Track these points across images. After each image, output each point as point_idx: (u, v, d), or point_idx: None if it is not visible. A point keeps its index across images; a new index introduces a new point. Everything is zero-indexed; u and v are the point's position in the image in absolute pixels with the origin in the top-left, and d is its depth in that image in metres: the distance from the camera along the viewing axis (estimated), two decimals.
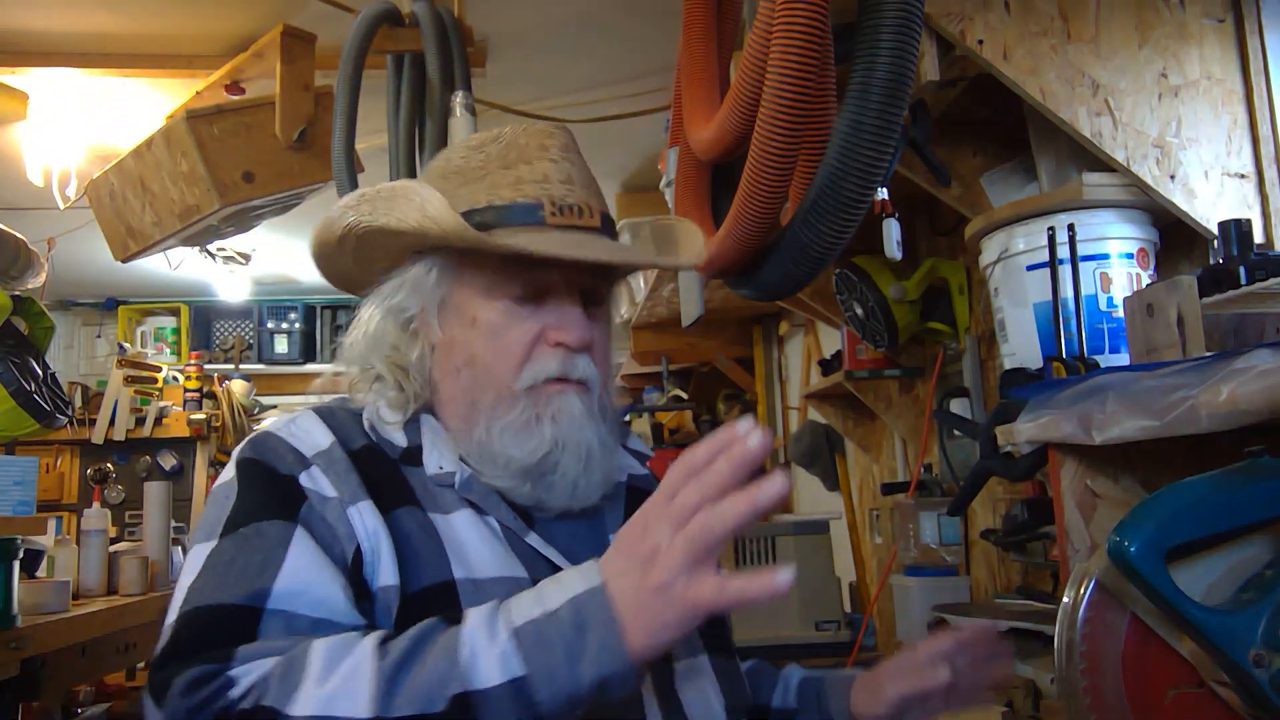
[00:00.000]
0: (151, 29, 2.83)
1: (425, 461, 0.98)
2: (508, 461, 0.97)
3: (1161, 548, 0.84)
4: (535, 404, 0.98)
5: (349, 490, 0.91)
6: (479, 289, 1.01)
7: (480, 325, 1.00)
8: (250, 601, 0.81)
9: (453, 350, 1.02)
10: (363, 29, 2.32)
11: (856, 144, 1.22)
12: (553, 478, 0.97)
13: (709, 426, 4.39)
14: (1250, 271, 1.23)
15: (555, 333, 0.99)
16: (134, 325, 6.05)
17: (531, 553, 0.95)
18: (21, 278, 2.86)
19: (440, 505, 0.96)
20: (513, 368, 0.98)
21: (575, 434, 0.98)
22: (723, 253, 1.48)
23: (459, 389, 1.01)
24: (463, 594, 0.89)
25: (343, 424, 0.99)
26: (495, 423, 0.98)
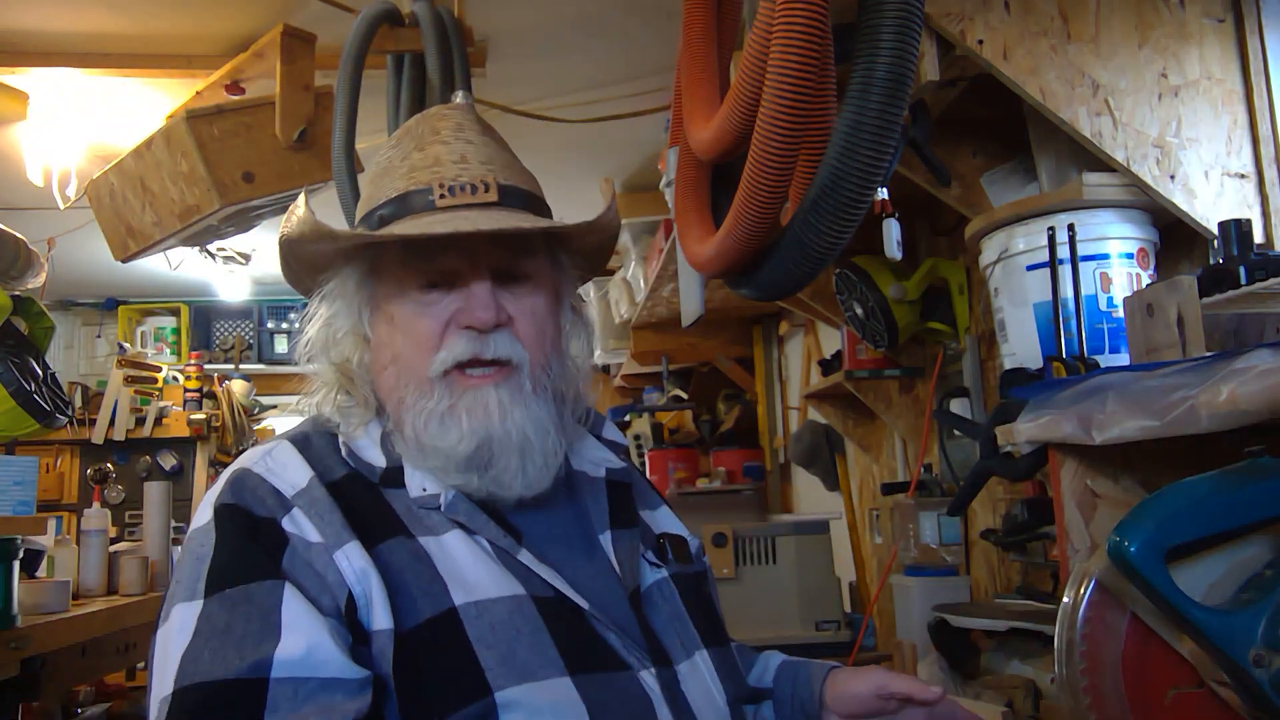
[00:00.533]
0: (151, 29, 2.83)
1: (408, 483, 0.97)
2: (444, 454, 0.96)
3: (1161, 548, 0.84)
4: (450, 394, 0.98)
5: (333, 532, 0.89)
6: (392, 287, 1.01)
7: (396, 321, 1.01)
8: (254, 674, 0.80)
9: (380, 351, 1.02)
10: (363, 29, 2.32)
11: (856, 144, 1.22)
12: (495, 471, 0.97)
13: (709, 426, 4.40)
14: (1250, 271, 1.23)
15: (462, 315, 0.98)
16: (134, 325, 6.05)
17: (524, 570, 0.94)
18: (21, 278, 2.86)
19: (429, 528, 0.94)
20: (425, 355, 0.98)
21: (498, 425, 0.97)
22: (723, 253, 1.48)
23: (389, 388, 1.01)
24: (465, 619, 0.88)
25: (320, 453, 0.98)
26: (420, 415, 0.97)
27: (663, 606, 1.01)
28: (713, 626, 1.06)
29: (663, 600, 1.02)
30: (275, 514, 0.90)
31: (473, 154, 1.02)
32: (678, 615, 1.01)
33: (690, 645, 1.00)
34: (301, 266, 1.08)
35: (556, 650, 0.88)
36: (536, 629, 0.89)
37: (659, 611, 1.01)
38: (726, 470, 4.04)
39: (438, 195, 0.99)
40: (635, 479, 1.16)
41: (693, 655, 1.00)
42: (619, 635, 0.93)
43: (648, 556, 1.06)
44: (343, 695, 0.81)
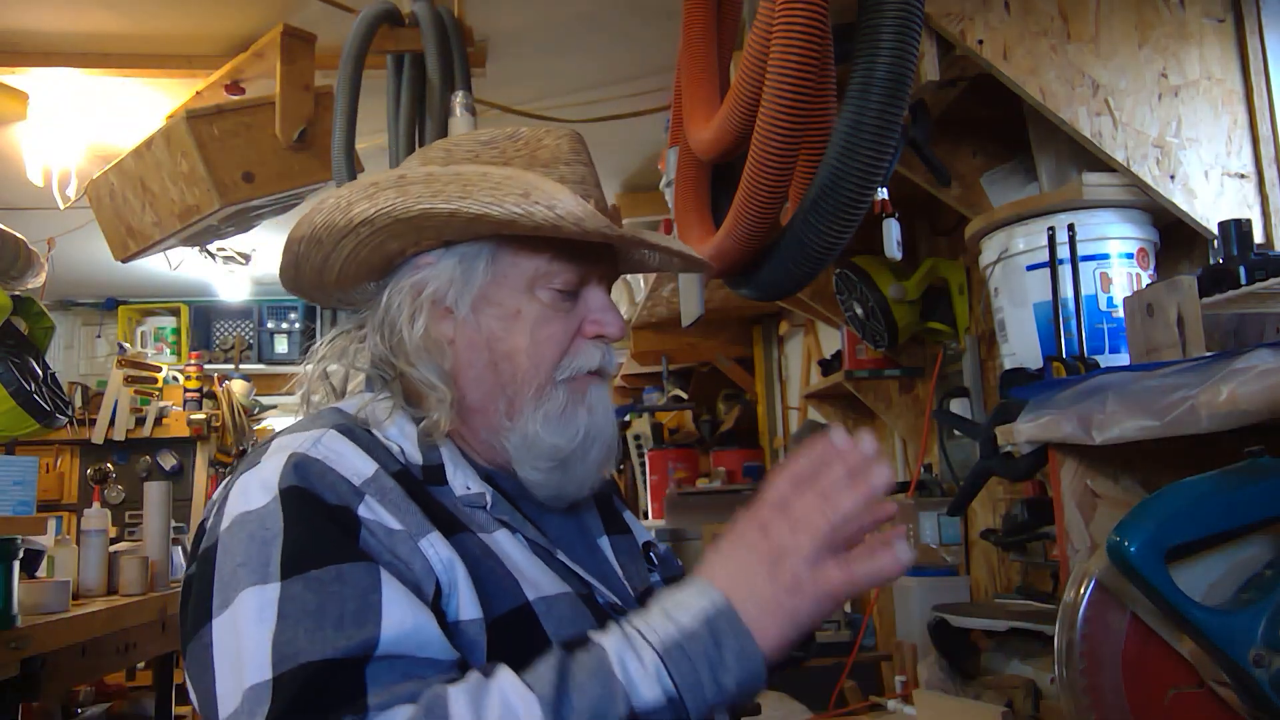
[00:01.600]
0: (151, 29, 2.83)
1: (451, 482, 0.96)
2: (552, 450, 0.97)
3: (1161, 548, 0.84)
4: (572, 393, 0.99)
5: (414, 521, 0.87)
6: (523, 280, 0.98)
7: (524, 318, 0.98)
8: (360, 651, 0.77)
9: (487, 346, 0.98)
10: (363, 29, 2.32)
11: (856, 144, 1.22)
12: (581, 465, 0.99)
13: (709, 426, 4.39)
14: (1250, 271, 1.23)
15: (594, 325, 1.00)
16: (134, 325, 6.05)
17: (563, 568, 0.96)
18: (21, 278, 2.86)
19: (480, 525, 0.94)
20: (554, 358, 0.98)
21: (605, 424, 1.01)
22: (723, 253, 1.48)
23: (492, 385, 0.98)
24: (540, 615, 0.90)
25: (369, 445, 0.93)
26: (537, 413, 0.97)
27: None
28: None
29: None
30: (349, 502, 0.86)
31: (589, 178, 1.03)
32: None
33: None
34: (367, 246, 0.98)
35: None
36: (590, 624, 0.91)
37: None
38: (726, 470, 4.04)
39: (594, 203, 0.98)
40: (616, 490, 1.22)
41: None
42: None
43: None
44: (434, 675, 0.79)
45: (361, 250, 0.98)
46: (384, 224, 0.93)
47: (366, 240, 0.96)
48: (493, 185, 0.90)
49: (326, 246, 0.97)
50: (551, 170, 0.98)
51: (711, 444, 4.27)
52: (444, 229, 0.96)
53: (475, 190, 0.90)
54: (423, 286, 0.98)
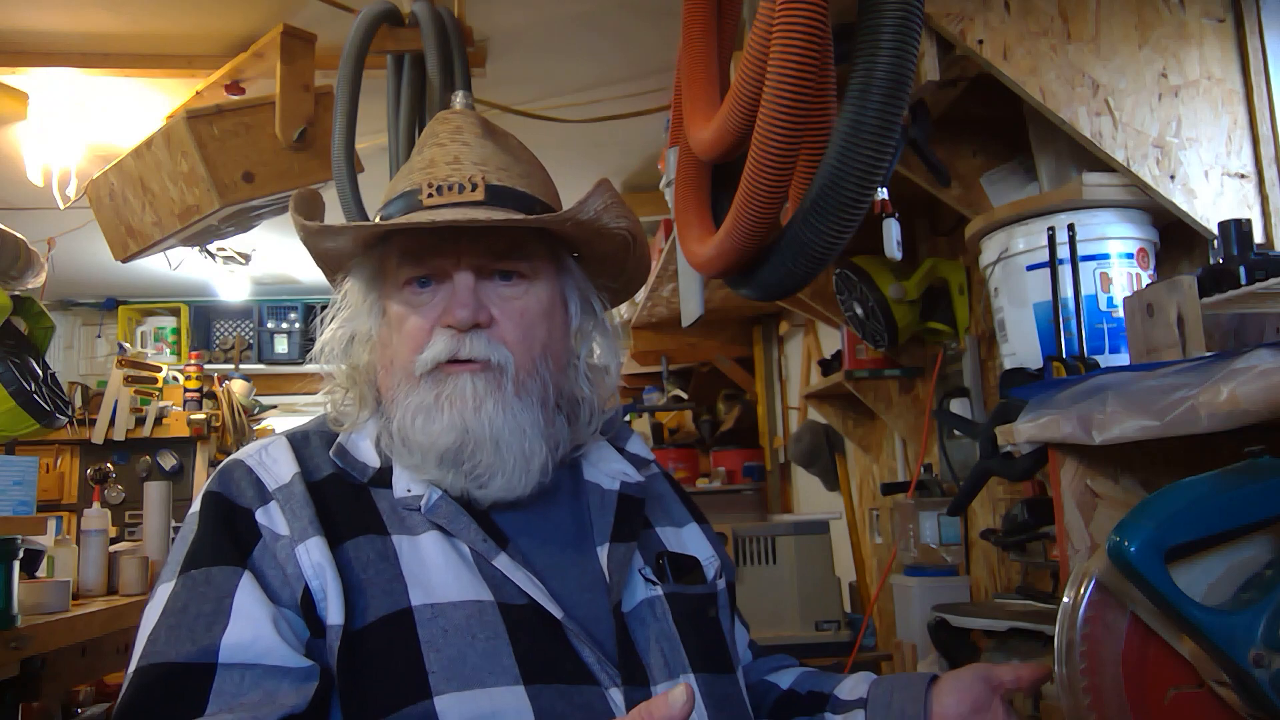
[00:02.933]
0: (151, 29, 2.83)
1: (394, 483, 0.99)
2: (424, 448, 0.97)
3: (1161, 548, 0.84)
4: (435, 385, 0.99)
5: (300, 527, 0.92)
6: (391, 285, 1.04)
7: (391, 317, 1.04)
8: (201, 659, 0.83)
9: (383, 350, 1.05)
10: (363, 29, 2.32)
11: (856, 144, 1.22)
12: (471, 466, 0.97)
13: (709, 426, 4.40)
14: (1250, 271, 1.23)
15: (444, 315, 1.00)
16: (134, 325, 6.05)
17: (499, 575, 0.94)
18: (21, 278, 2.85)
19: (408, 527, 0.96)
20: (413, 353, 1.00)
21: (472, 416, 0.97)
22: (723, 253, 1.48)
23: (386, 386, 1.04)
24: (419, 621, 0.89)
25: (314, 451, 1.01)
26: (406, 410, 0.99)
27: (652, 625, 0.99)
28: (711, 651, 1.03)
29: (653, 619, 0.99)
30: (252, 505, 0.94)
31: (466, 155, 1.04)
32: (667, 635, 0.99)
33: (676, 667, 0.97)
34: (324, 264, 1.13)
35: (514, 658, 0.88)
36: (495, 635, 0.89)
37: (646, 629, 0.98)
38: (726, 470, 4.04)
39: (425, 195, 1.01)
40: (656, 494, 1.15)
41: (676, 678, 0.97)
42: (593, 649, 0.92)
43: (644, 572, 1.03)
44: (287, 684, 0.83)
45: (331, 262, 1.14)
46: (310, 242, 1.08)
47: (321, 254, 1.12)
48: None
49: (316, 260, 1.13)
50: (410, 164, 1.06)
51: (711, 444, 4.28)
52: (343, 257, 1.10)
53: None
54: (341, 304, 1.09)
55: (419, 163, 1.05)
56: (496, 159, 1.05)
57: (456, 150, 1.04)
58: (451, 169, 1.03)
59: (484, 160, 1.04)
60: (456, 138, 1.06)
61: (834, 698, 1.12)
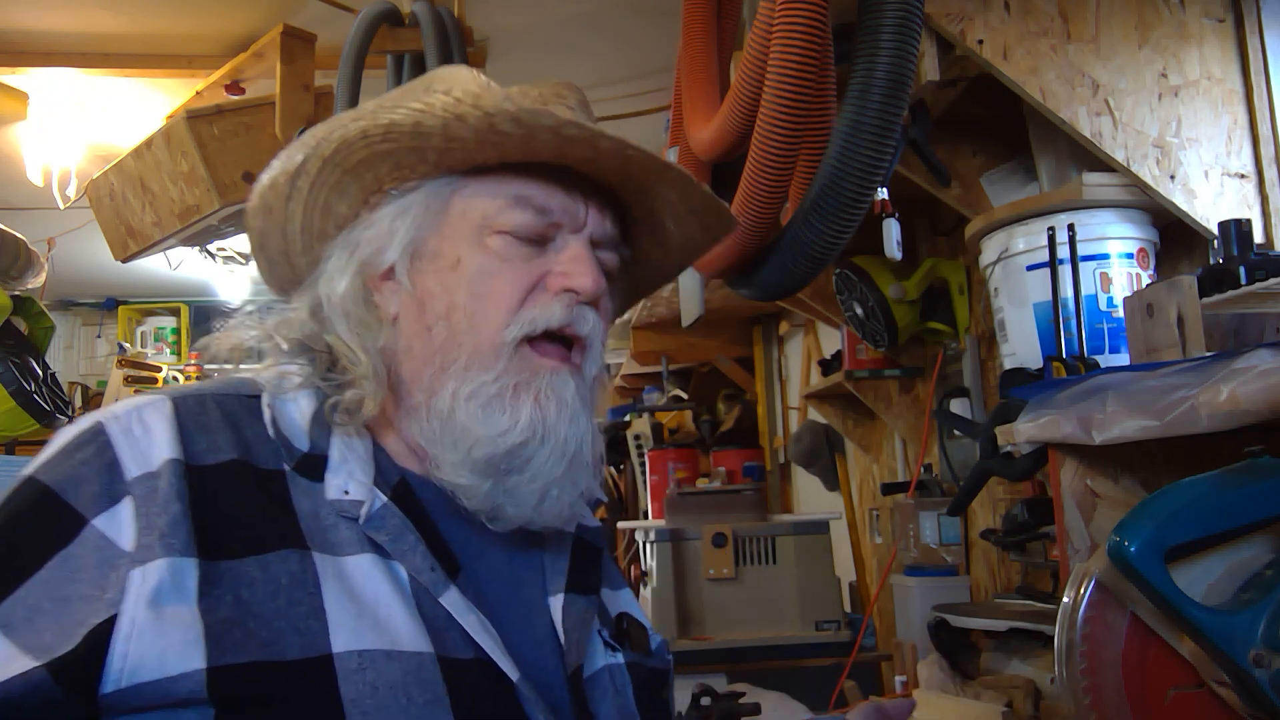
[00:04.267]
0: (151, 29, 2.83)
1: (327, 480, 0.75)
2: (471, 443, 0.77)
3: (1161, 548, 0.84)
4: (519, 372, 0.78)
5: (150, 542, 0.67)
6: (470, 226, 0.81)
7: (464, 267, 0.80)
8: None
9: (425, 306, 0.81)
10: (363, 29, 2.32)
11: (856, 144, 1.22)
12: (519, 478, 0.78)
13: (709, 426, 4.39)
14: (1250, 271, 1.23)
15: (561, 277, 0.80)
16: (134, 325, 6.05)
17: (443, 616, 0.73)
18: (21, 278, 2.86)
19: (333, 544, 0.73)
20: (503, 313, 0.79)
21: (562, 423, 0.79)
22: (723, 253, 1.48)
23: (424, 355, 0.80)
24: (342, 671, 0.68)
25: (213, 423, 0.75)
26: (464, 386, 0.77)
27: (612, 696, 0.83)
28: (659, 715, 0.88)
29: (613, 689, 0.84)
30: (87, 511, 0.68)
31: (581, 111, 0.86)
32: (627, 713, 0.84)
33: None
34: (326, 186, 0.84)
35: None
36: (434, 700, 0.70)
37: (606, 700, 0.82)
38: (726, 470, 4.04)
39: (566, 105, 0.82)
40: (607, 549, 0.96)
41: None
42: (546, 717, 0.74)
43: (604, 634, 0.87)
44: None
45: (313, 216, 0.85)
46: (315, 170, 0.81)
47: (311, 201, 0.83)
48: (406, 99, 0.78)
49: (279, 216, 0.85)
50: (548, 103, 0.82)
51: (711, 444, 4.27)
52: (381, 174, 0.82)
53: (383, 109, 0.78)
54: (356, 244, 0.83)
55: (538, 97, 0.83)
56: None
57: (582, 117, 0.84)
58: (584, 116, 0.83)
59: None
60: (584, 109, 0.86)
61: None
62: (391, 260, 0.82)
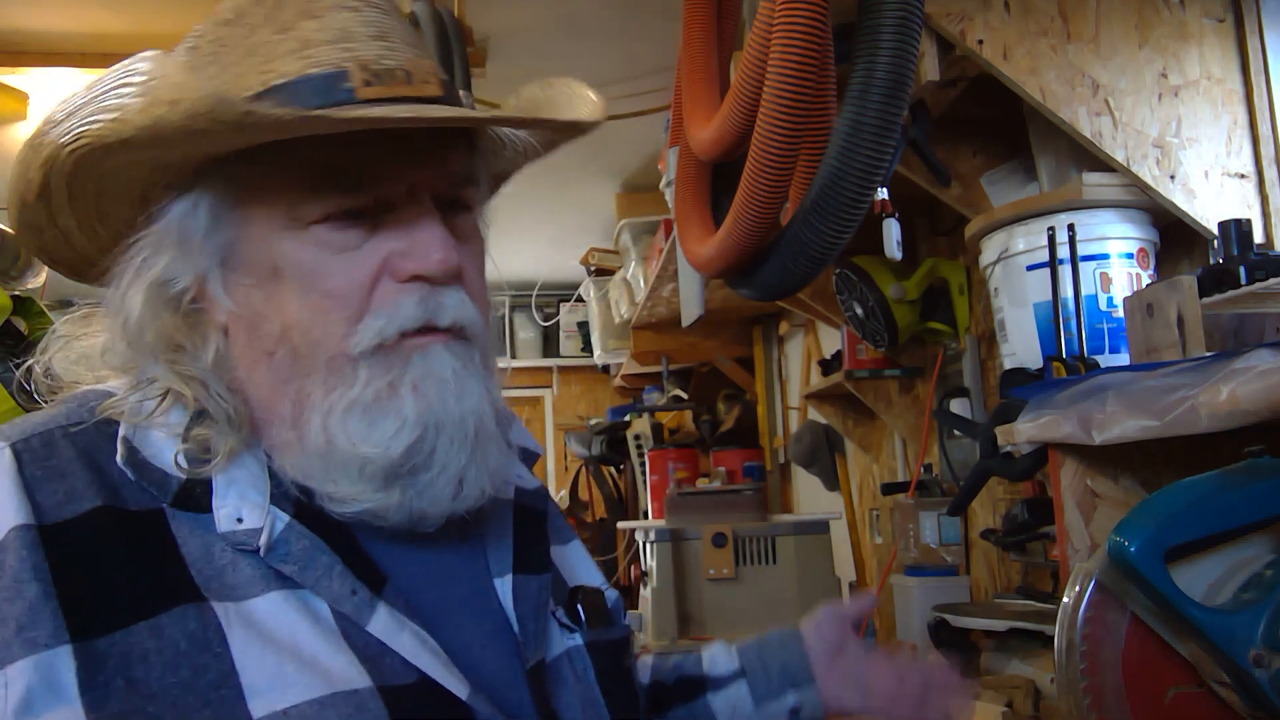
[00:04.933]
0: (151, 29, 2.83)
1: (216, 511, 0.64)
2: (361, 463, 0.66)
3: (1161, 548, 0.84)
4: (387, 368, 0.66)
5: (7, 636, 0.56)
6: (277, 221, 0.66)
7: (287, 274, 0.66)
8: None
9: (258, 328, 0.68)
10: None
11: (856, 144, 1.22)
12: (428, 475, 0.67)
13: (709, 426, 4.40)
14: (1250, 271, 1.23)
15: (405, 260, 0.66)
16: None
17: (374, 645, 0.64)
18: (21, 278, 2.86)
19: (231, 588, 0.62)
20: (344, 322, 0.66)
21: (452, 405, 0.67)
22: (723, 253, 1.49)
23: (276, 382, 0.68)
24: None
25: (63, 468, 0.63)
26: (333, 411, 0.65)
27: (573, 685, 0.75)
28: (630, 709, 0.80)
29: (573, 677, 0.76)
30: None
31: (395, 32, 0.69)
32: (590, 700, 0.76)
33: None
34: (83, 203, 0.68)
35: None
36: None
37: (567, 690, 0.75)
38: (726, 470, 4.04)
39: (359, 81, 0.65)
40: (551, 504, 0.87)
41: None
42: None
43: (559, 615, 0.78)
44: None
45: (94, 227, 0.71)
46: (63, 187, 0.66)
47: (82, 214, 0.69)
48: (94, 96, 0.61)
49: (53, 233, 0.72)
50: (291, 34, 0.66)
51: (711, 444, 4.27)
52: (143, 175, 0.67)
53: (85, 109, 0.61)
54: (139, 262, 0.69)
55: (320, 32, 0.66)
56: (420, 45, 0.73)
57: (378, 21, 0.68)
58: (383, 48, 0.67)
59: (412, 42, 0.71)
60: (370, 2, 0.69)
61: (707, 677, 0.97)
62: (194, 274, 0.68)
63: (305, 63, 0.65)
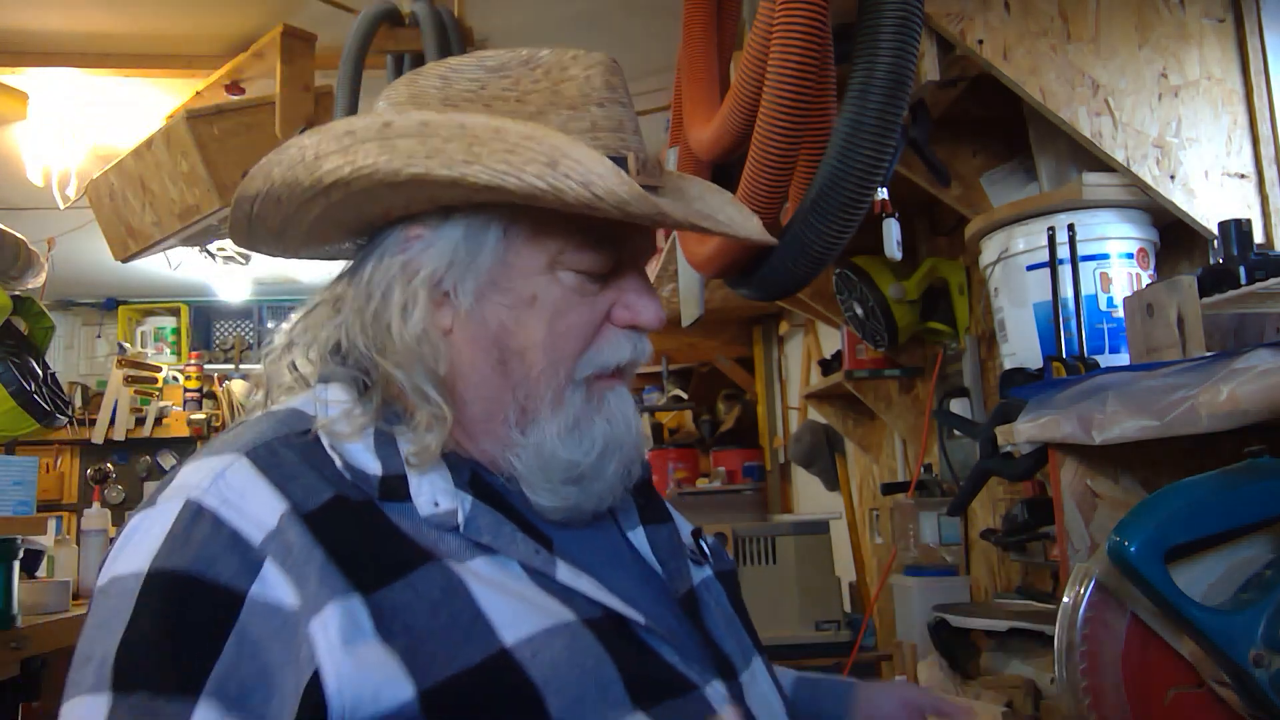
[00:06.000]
0: (151, 29, 2.83)
1: (415, 498, 0.76)
2: (562, 467, 0.81)
3: (1161, 548, 0.84)
4: (589, 397, 0.83)
5: (313, 591, 0.68)
6: (541, 261, 0.80)
7: (540, 304, 0.80)
8: None
9: (495, 342, 0.81)
10: (363, 29, 2.32)
11: (856, 144, 1.22)
12: (594, 484, 0.83)
13: (709, 426, 4.40)
14: (1250, 271, 1.23)
15: (626, 312, 0.83)
16: (134, 325, 6.05)
17: (565, 590, 0.77)
18: (21, 278, 2.86)
19: (448, 553, 0.75)
20: (575, 352, 0.82)
21: (628, 435, 0.85)
22: (723, 252, 1.49)
23: (499, 390, 0.81)
24: (524, 662, 0.70)
25: (292, 470, 0.74)
26: (554, 422, 0.81)
27: (715, 609, 0.89)
28: (754, 632, 0.94)
29: (713, 601, 0.90)
30: (238, 582, 0.68)
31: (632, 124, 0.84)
32: (729, 618, 0.90)
33: (747, 652, 0.88)
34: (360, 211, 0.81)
35: (622, 684, 0.72)
36: (600, 661, 0.72)
37: (712, 614, 0.88)
38: (726, 470, 4.04)
39: (634, 169, 0.80)
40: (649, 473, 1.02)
41: (751, 663, 0.88)
42: (676, 649, 0.78)
43: (690, 554, 0.93)
44: None
45: (334, 212, 0.81)
46: (363, 187, 0.76)
47: (341, 203, 0.79)
48: (507, 148, 0.72)
49: (287, 208, 0.81)
50: (580, 115, 0.80)
51: (711, 444, 4.28)
52: (442, 195, 0.78)
53: (485, 152, 0.73)
54: (417, 269, 0.80)
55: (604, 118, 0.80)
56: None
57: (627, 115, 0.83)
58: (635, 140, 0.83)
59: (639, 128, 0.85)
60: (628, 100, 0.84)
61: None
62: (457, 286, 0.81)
63: (594, 142, 0.79)
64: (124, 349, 5.34)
